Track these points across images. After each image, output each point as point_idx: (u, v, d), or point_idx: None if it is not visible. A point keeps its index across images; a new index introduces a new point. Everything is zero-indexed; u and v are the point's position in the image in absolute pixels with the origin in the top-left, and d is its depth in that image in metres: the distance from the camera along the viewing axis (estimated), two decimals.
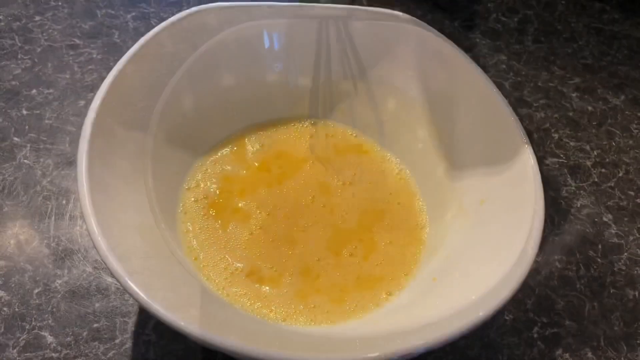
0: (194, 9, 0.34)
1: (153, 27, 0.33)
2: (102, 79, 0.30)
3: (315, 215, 0.35)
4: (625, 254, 0.38)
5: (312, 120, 0.40)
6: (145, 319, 0.32)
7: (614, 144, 0.45)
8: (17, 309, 0.32)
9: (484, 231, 0.30)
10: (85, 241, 0.35)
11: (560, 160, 0.43)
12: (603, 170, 0.43)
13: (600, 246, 0.38)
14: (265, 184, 0.36)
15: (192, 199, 0.35)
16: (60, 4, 0.50)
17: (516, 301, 0.35)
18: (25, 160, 0.39)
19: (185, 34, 0.34)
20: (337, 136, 0.40)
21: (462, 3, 0.55)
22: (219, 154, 0.38)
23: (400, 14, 0.35)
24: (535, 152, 0.30)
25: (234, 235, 0.34)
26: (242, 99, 0.38)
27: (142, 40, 0.32)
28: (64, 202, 0.37)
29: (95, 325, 0.32)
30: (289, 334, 0.30)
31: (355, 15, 0.36)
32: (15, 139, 0.40)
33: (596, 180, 0.42)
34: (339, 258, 0.33)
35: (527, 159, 0.29)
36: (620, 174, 0.43)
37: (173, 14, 0.34)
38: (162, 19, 0.36)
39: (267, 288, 0.32)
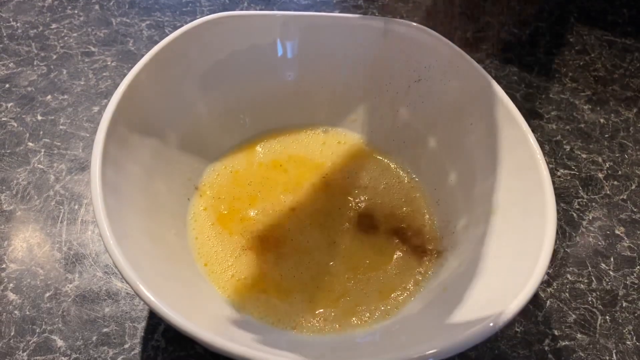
0: (208, 17, 0.35)
1: (167, 35, 0.34)
2: (116, 85, 0.31)
3: (324, 223, 0.35)
4: (638, 267, 0.38)
5: (323, 128, 0.40)
6: (155, 324, 0.32)
7: (626, 156, 0.44)
8: (27, 312, 0.32)
9: (495, 242, 0.30)
10: (96, 246, 0.35)
11: (572, 172, 0.43)
12: (615, 182, 0.42)
13: (612, 259, 0.38)
14: (277, 190, 0.37)
15: (203, 205, 0.35)
16: (76, 12, 0.51)
17: (527, 313, 0.35)
18: (39, 165, 0.39)
19: (199, 42, 0.35)
20: (349, 143, 0.40)
21: (474, 15, 0.55)
22: (231, 160, 0.38)
23: (412, 23, 0.36)
24: (547, 164, 0.30)
25: (244, 243, 0.34)
26: (255, 106, 0.39)
27: (156, 47, 0.33)
28: (76, 207, 0.37)
29: (105, 330, 0.32)
30: (298, 341, 0.30)
31: (367, 24, 0.36)
32: (30, 143, 0.41)
33: (608, 192, 0.42)
34: (349, 266, 0.33)
35: (540, 170, 0.29)
36: (633, 187, 0.42)
37: (187, 23, 0.34)
38: (176, 28, 0.36)
39: (276, 295, 0.32)
